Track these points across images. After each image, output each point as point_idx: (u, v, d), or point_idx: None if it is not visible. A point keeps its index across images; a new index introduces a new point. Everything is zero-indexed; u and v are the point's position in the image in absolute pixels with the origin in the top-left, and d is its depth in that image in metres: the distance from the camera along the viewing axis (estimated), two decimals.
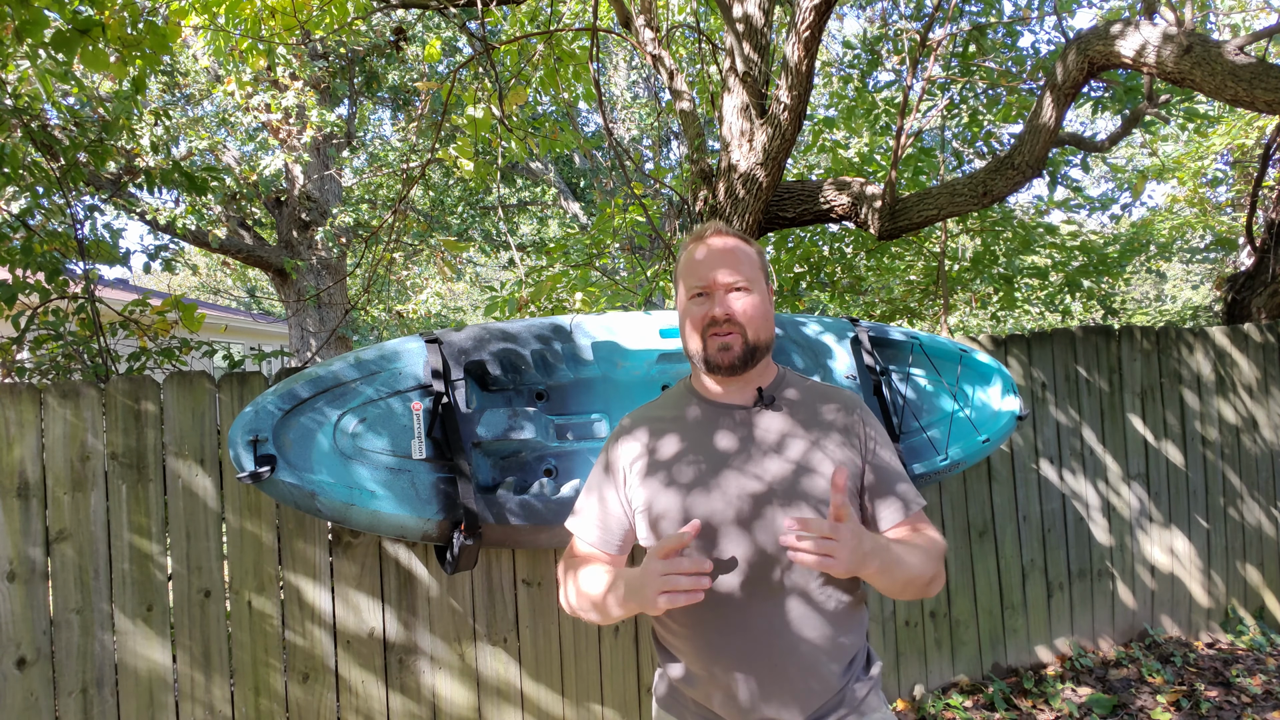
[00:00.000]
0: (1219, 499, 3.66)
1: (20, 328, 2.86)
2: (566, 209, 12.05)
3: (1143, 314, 10.56)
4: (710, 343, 1.29)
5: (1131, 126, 4.72)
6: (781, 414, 1.32)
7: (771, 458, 1.27)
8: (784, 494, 1.24)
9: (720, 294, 1.29)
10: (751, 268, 1.32)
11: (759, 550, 1.23)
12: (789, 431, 1.30)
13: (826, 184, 3.61)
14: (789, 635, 1.22)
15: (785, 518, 1.21)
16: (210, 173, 3.61)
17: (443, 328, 2.84)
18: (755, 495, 1.25)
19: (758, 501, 1.24)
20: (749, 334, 1.28)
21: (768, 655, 1.22)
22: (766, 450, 1.28)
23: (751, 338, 1.28)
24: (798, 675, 1.22)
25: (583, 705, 2.49)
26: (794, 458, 1.27)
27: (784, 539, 1.08)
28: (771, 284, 1.39)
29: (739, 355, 1.28)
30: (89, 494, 2.08)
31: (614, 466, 1.38)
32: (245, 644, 2.18)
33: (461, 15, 4.93)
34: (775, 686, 1.22)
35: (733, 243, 1.34)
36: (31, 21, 2.35)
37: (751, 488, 1.25)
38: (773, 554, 1.23)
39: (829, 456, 1.27)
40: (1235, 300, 4.38)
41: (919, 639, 3.02)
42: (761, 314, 1.30)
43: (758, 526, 1.24)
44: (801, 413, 1.33)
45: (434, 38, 8.33)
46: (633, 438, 1.37)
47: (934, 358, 2.66)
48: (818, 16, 2.84)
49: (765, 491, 1.25)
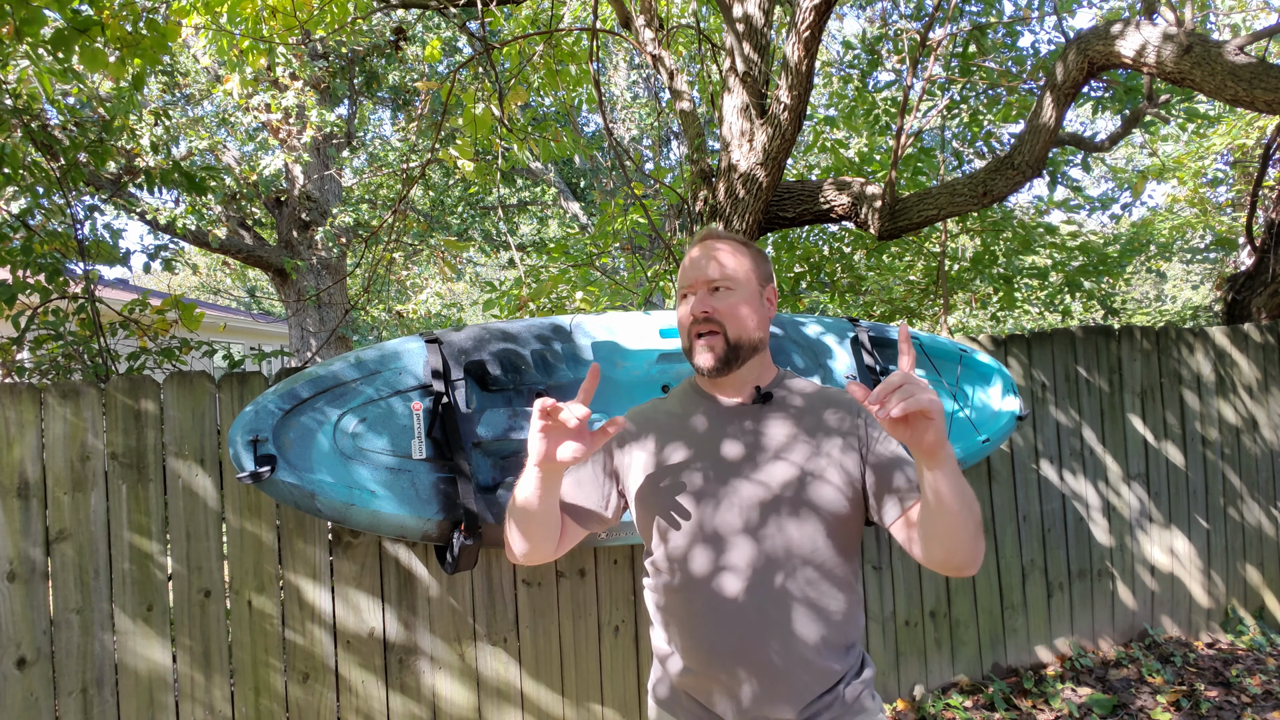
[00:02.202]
0: (1219, 499, 3.66)
1: (20, 328, 2.86)
2: (566, 209, 12.04)
3: (1143, 314, 10.56)
4: (696, 344, 1.31)
5: (1132, 126, 4.72)
6: (786, 419, 1.31)
7: (777, 464, 1.27)
8: (791, 501, 1.24)
9: (703, 292, 1.31)
10: (738, 268, 1.32)
11: (764, 556, 1.23)
12: (794, 435, 1.29)
13: (826, 184, 3.61)
14: (787, 635, 1.23)
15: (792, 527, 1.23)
16: (210, 173, 3.61)
17: (442, 327, 2.84)
18: (762, 503, 1.25)
19: (764, 509, 1.24)
20: (729, 333, 1.28)
21: (765, 654, 1.22)
22: (771, 455, 1.28)
23: (732, 337, 1.28)
24: (794, 674, 1.22)
25: (583, 705, 2.49)
26: (799, 463, 1.27)
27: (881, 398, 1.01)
28: (767, 285, 1.38)
29: (720, 356, 1.28)
30: (89, 494, 2.08)
31: (610, 457, 1.38)
32: (245, 644, 2.18)
33: (461, 15, 4.93)
34: (772, 686, 1.23)
35: (724, 245, 1.35)
36: (31, 20, 2.35)
37: (758, 495, 1.25)
38: (776, 560, 1.23)
39: (832, 463, 1.27)
40: (1235, 300, 4.38)
41: (919, 639, 3.02)
42: (744, 314, 1.30)
43: (763, 534, 1.24)
44: (807, 419, 1.32)
45: (434, 38, 8.33)
46: (634, 435, 1.38)
47: (934, 358, 2.66)
48: (818, 16, 2.84)
49: (771, 500, 1.24)
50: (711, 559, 1.25)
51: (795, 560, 1.23)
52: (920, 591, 3.03)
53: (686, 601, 1.27)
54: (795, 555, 1.23)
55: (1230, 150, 7.02)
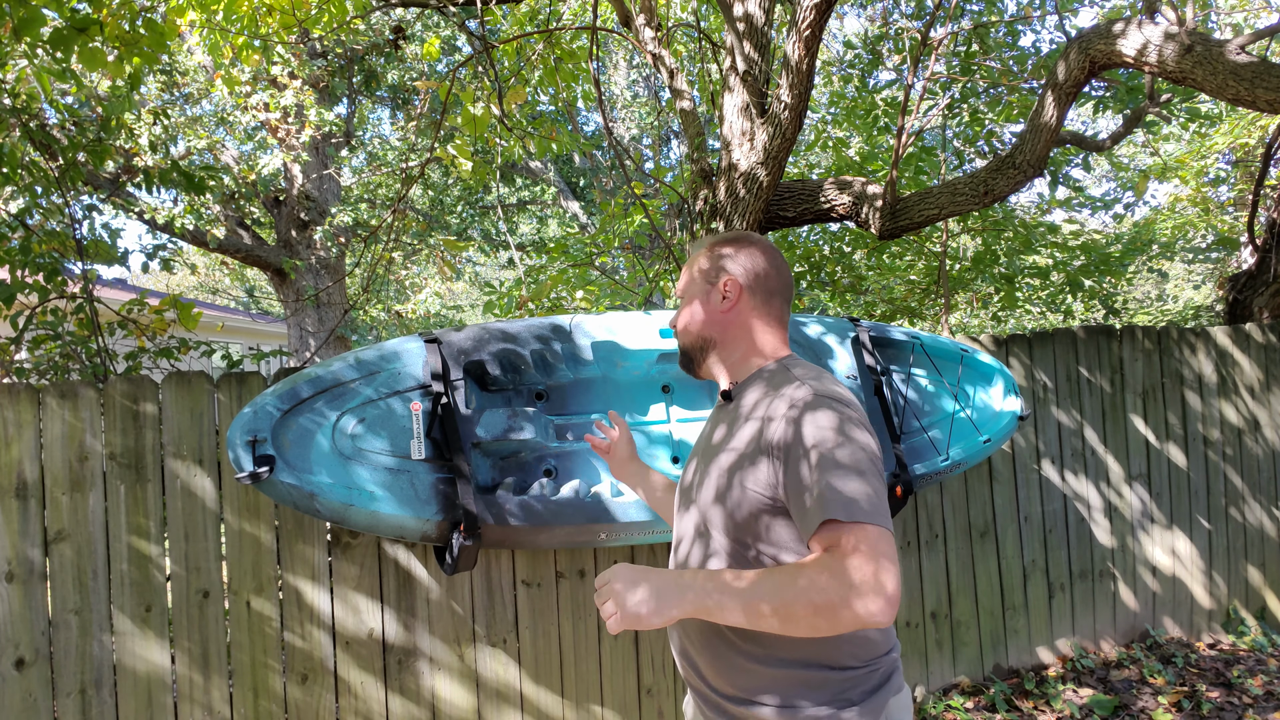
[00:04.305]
0: (1221, 500, 3.65)
1: (19, 327, 2.86)
2: (566, 208, 12.04)
3: (1144, 314, 10.55)
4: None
5: (1133, 126, 4.71)
6: (737, 413, 1.27)
7: (704, 453, 1.32)
8: (696, 486, 1.29)
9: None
10: (690, 279, 1.39)
11: (688, 524, 1.30)
12: (733, 415, 1.27)
13: (827, 183, 3.60)
14: (697, 645, 1.25)
15: (701, 493, 1.27)
16: (209, 172, 3.60)
17: (442, 327, 2.83)
18: (684, 488, 1.36)
19: (685, 494, 1.35)
20: (680, 341, 1.40)
21: (683, 637, 1.29)
22: (705, 444, 1.34)
23: (682, 344, 1.40)
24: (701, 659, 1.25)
25: (583, 706, 2.48)
26: (719, 438, 1.28)
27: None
28: (721, 278, 1.32)
29: (681, 362, 1.42)
30: (87, 494, 2.07)
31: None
32: (244, 645, 2.18)
33: (461, 14, 4.92)
34: (694, 666, 1.27)
35: (692, 256, 1.41)
36: (29, 19, 2.34)
37: (687, 478, 1.36)
38: (683, 545, 1.30)
39: (737, 439, 1.21)
40: (1237, 300, 4.37)
41: (920, 640, 3.01)
42: (684, 324, 1.38)
43: (682, 517, 1.33)
44: (742, 403, 1.27)
45: (433, 36, 8.31)
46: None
47: (935, 358, 2.65)
48: (818, 15, 2.83)
49: (687, 485, 1.34)
50: (672, 556, 1.38)
51: (699, 529, 1.27)
52: (921, 592, 3.03)
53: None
54: (699, 523, 1.26)
55: (1232, 149, 7.01)
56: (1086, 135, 5.77)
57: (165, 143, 5.05)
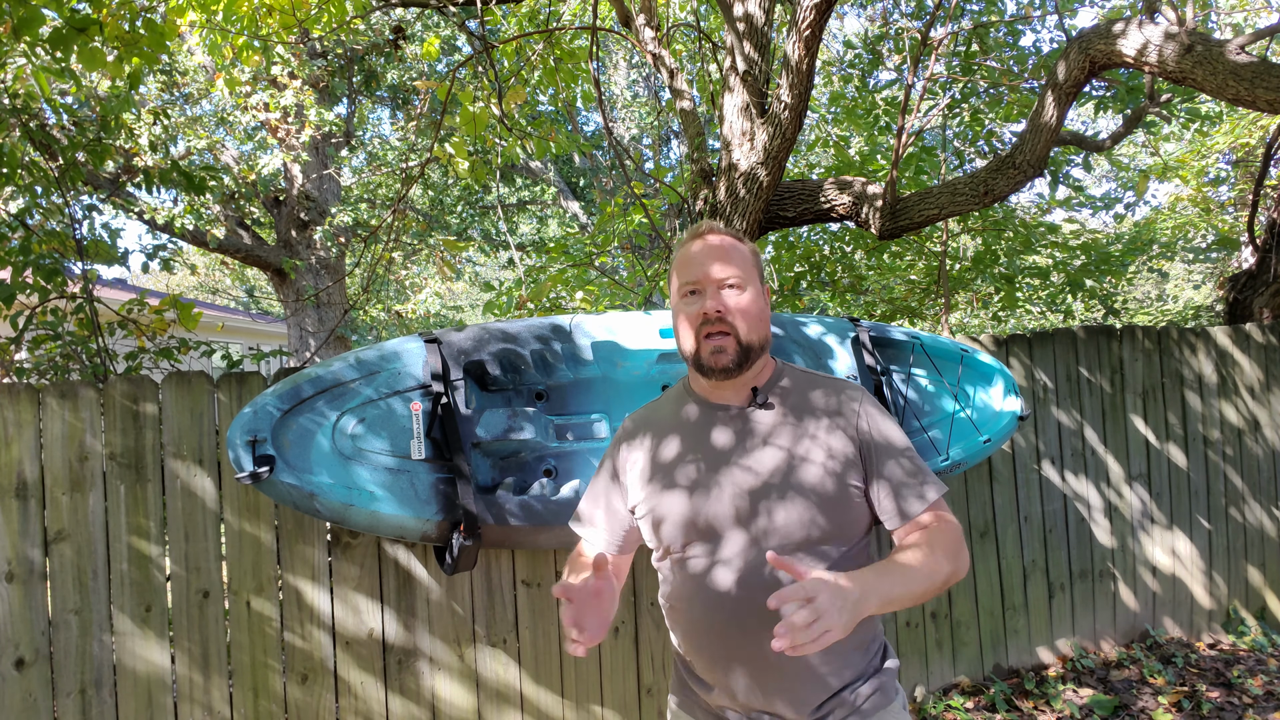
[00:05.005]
0: (1221, 500, 3.65)
1: (19, 328, 2.86)
2: (566, 208, 12.04)
3: (1144, 314, 10.54)
4: (704, 345, 1.25)
5: (1133, 126, 4.71)
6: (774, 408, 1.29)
7: (764, 450, 1.24)
8: (780, 486, 1.21)
9: (713, 289, 1.25)
10: (745, 265, 1.28)
11: (755, 545, 1.21)
12: (779, 421, 1.26)
13: (827, 183, 3.60)
14: (780, 660, 1.20)
15: (781, 512, 1.20)
16: (209, 172, 3.60)
17: (442, 327, 2.83)
18: (751, 491, 1.22)
19: (754, 497, 1.22)
20: (741, 334, 1.23)
21: (763, 651, 1.18)
22: (759, 444, 1.25)
23: (744, 338, 1.24)
24: (792, 672, 1.20)
25: (583, 707, 2.48)
26: (784, 446, 1.23)
27: (775, 645, 0.94)
28: (767, 284, 1.36)
29: (732, 359, 1.23)
30: (87, 494, 2.07)
31: (616, 468, 1.37)
32: (244, 645, 2.18)
33: (461, 14, 4.92)
34: (771, 684, 1.21)
35: (727, 240, 1.31)
36: (29, 19, 2.34)
37: (748, 483, 1.22)
38: (770, 548, 1.20)
39: (818, 444, 1.23)
40: (1237, 300, 4.37)
41: (920, 640, 3.01)
42: (755, 312, 1.26)
43: (754, 522, 1.21)
44: (792, 399, 1.28)
45: (433, 36, 8.31)
46: (633, 440, 1.37)
47: (935, 358, 2.65)
48: (818, 15, 2.83)
49: (760, 486, 1.22)
50: (706, 552, 1.24)
51: (788, 547, 1.19)
52: None
53: (686, 598, 1.26)
54: (788, 542, 1.19)
55: (1232, 149, 7.01)
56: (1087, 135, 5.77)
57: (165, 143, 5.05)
